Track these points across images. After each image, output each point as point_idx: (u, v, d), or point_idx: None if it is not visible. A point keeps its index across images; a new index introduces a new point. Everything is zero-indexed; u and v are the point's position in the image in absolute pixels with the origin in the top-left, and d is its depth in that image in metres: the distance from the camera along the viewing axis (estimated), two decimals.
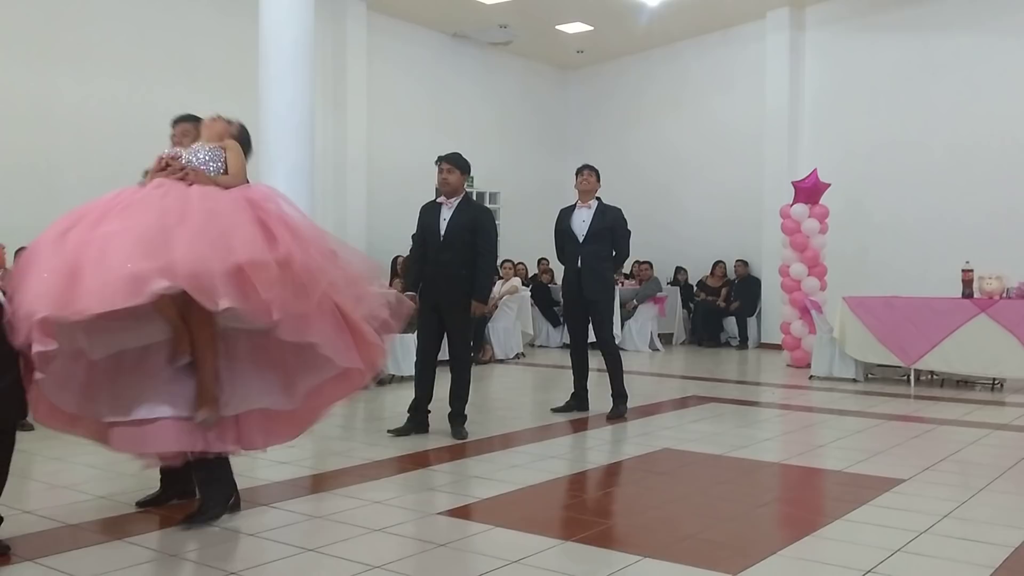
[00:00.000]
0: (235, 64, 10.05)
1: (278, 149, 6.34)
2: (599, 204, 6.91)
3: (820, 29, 12.67)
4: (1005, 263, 9.00)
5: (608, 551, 3.51)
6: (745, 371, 10.73)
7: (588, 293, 6.73)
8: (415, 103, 13.14)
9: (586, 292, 6.73)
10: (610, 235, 6.84)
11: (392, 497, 4.38)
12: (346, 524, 3.87)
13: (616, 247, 6.92)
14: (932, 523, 3.92)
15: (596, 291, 6.78)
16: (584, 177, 6.92)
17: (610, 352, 6.92)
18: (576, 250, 6.82)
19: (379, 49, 12.51)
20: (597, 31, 13.41)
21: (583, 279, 6.76)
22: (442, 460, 5.34)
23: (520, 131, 14.69)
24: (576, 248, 6.82)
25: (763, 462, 5.35)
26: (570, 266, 6.90)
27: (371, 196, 12.21)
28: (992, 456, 5.48)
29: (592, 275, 6.77)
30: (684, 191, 13.88)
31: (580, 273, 6.78)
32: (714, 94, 13.75)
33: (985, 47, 11.11)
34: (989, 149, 10.95)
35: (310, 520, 3.99)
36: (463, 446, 5.72)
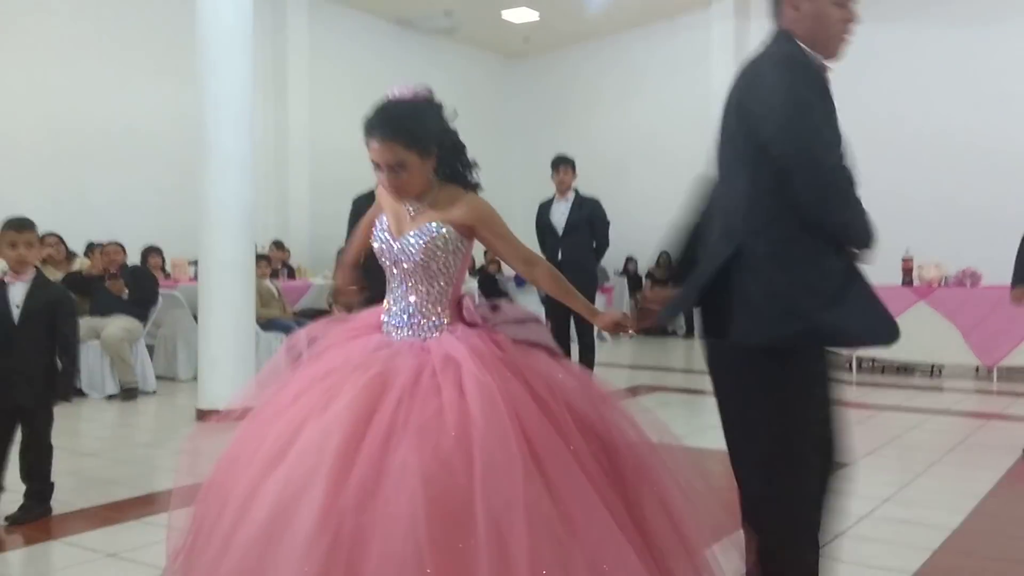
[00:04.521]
0: (172, 50, 9.82)
1: (217, 137, 6.17)
2: (576, 196, 6.93)
3: (765, 18, 12.73)
4: (944, 252, 9.19)
5: None
6: (692, 360, 10.81)
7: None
8: (358, 91, 12.84)
9: None
10: (589, 227, 6.87)
11: None
12: None
13: (596, 238, 6.95)
14: (874, 507, 3.96)
15: (578, 284, 6.74)
16: (561, 171, 6.92)
17: (587, 345, 6.92)
18: (556, 243, 6.85)
19: (320, 35, 12.32)
20: (544, 19, 13.37)
21: (564, 272, 6.73)
22: None
23: (465, 119, 14.24)
24: (556, 241, 6.85)
25: (709, 450, 5.37)
26: (551, 260, 6.88)
27: (313, 185, 12.04)
28: (931, 441, 5.58)
29: (573, 268, 6.76)
30: (632, 182, 13.92)
31: (561, 266, 6.75)
32: (661, 84, 13.81)
33: (925, 38, 11.31)
34: (928, 140, 11.17)
35: None
36: None
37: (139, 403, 7.10)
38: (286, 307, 8.86)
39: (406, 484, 1.97)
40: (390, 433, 2.07)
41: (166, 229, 9.48)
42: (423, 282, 2.47)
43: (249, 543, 2.00)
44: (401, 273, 2.48)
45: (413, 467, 1.99)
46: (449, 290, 2.49)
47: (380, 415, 2.11)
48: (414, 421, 2.10)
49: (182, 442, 5.58)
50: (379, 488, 1.98)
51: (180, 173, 9.18)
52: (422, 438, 2.05)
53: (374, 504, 1.97)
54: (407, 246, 2.44)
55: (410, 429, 2.08)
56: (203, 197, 6.26)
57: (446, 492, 1.96)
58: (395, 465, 2.01)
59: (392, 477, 2.00)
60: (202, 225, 6.27)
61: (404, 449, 2.03)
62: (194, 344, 7.40)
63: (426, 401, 2.15)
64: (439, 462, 2.00)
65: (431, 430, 2.07)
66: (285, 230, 11.63)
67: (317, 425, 2.13)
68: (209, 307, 6.27)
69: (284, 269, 10.35)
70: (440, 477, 1.98)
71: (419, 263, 2.43)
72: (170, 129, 9.97)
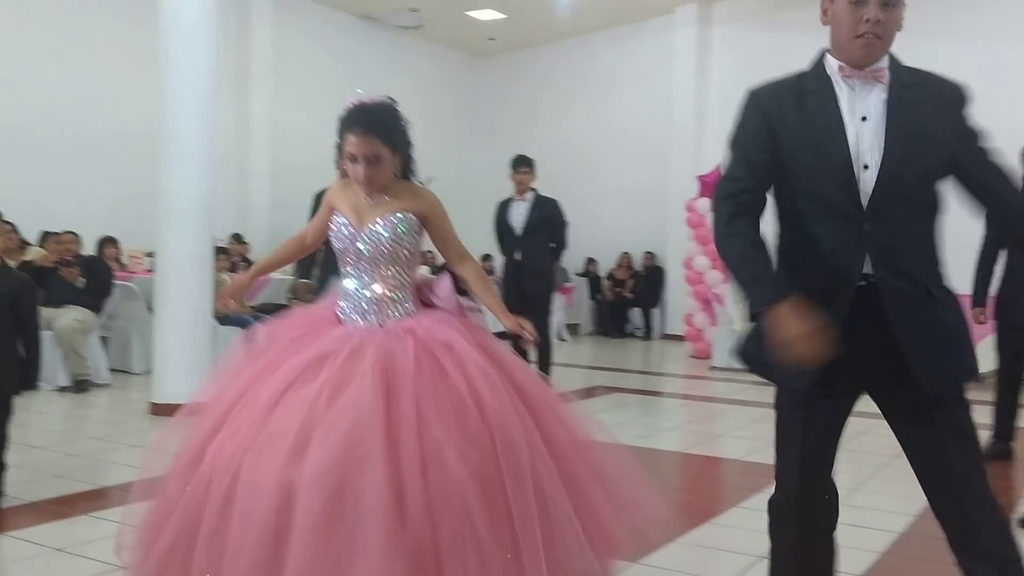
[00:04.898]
0: (133, 40, 9.68)
1: (177, 129, 6.10)
2: (536, 197, 6.90)
3: (727, 25, 12.93)
4: None
5: None
6: (649, 362, 10.91)
7: (527, 287, 6.73)
8: (323, 86, 12.87)
9: (525, 286, 6.73)
10: (547, 228, 6.86)
11: None
12: None
13: (554, 239, 6.95)
14: None
15: (535, 284, 6.79)
16: (520, 172, 6.89)
17: (545, 344, 6.94)
18: (514, 244, 6.84)
19: (285, 30, 12.21)
20: (509, 19, 13.39)
21: (522, 273, 6.77)
22: None
23: (430, 117, 14.54)
24: (514, 242, 6.84)
25: (664, 451, 5.44)
26: (509, 260, 6.89)
27: (275, 179, 11.93)
28: (880, 445, 5.67)
29: (531, 268, 6.78)
30: (594, 182, 13.99)
31: (519, 267, 6.79)
32: (624, 86, 13.90)
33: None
34: None
35: None
36: None
37: (91, 396, 7.00)
38: (244, 301, 8.78)
39: (449, 466, 2.21)
40: (418, 416, 2.29)
41: (122, 220, 9.34)
42: (390, 269, 2.65)
43: (309, 529, 2.11)
44: (366, 263, 2.64)
45: (450, 449, 2.24)
46: (410, 276, 2.71)
47: (401, 399, 2.31)
48: (435, 405, 2.32)
49: (137, 437, 5.52)
50: (428, 471, 2.20)
51: (139, 164, 9.04)
52: (449, 421, 2.30)
53: (427, 485, 2.18)
54: (373, 235, 2.62)
55: (434, 412, 2.31)
56: (162, 189, 6.19)
57: (480, 470, 2.25)
58: (432, 447, 2.24)
59: (434, 459, 2.23)
60: (160, 217, 6.19)
61: (436, 432, 2.27)
62: (149, 337, 7.30)
63: (436, 384, 2.37)
64: (469, 443, 2.28)
65: (454, 413, 2.32)
66: (245, 223, 11.51)
67: (337, 412, 2.27)
68: (165, 300, 6.20)
69: (243, 263, 10.25)
70: (473, 458, 2.26)
71: (388, 251, 2.62)
72: (130, 120, 9.82)
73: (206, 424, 2.45)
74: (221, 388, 2.57)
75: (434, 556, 2.16)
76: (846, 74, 2.12)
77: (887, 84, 2.12)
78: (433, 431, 2.28)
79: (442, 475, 2.22)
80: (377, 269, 2.65)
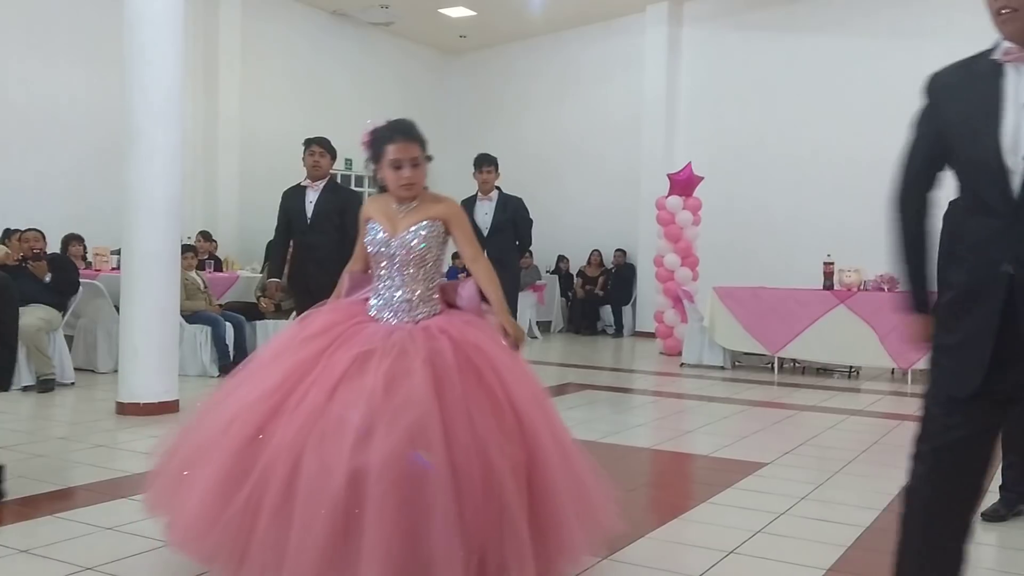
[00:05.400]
0: (99, 34, 9.55)
1: (143, 124, 6.02)
2: (500, 195, 6.88)
3: (697, 25, 13.01)
4: (863, 257, 9.47)
5: None
6: (620, 359, 10.96)
7: None
8: (292, 82, 12.80)
9: None
10: (513, 226, 6.85)
11: None
12: None
13: (519, 237, 6.93)
14: (791, 505, 4.08)
15: (503, 283, 6.76)
16: (484, 171, 6.85)
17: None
18: (481, 243, 6.77)
19: (254, 25, 12.11)
20: (480, 16, 13.37)
21: None
22: None
23: (401, 114, 14.08)
24: (480, 242, 6.76)
25: (634, 447, 5.46)
26: None
27: (243, 176, 11.83)
28: (848, 440, 5.76)
29: (497, 267, 6.75)
30: (566, 180, 14.02)
31: None
32: (595, 85, 13.94)
33: (851, 49, 11.63)
34: (849, 148, 11.48)
35: None
36: None
37: (56, 395, 6.90)
38: (212, 299, 8.70)
39: (492, 459, 2.56)
40: (466, 409, 2.62)
41: (88, 217, 9.22)
42: (420, 272, 3.02)
43: (382, 511, 2.41)
44: (398, 265, 3.01)
45: (492, 442, 2.59)
46: (437, 278, 3.07)
47: (449, 395, 2.63)
48: (476, 402, 2.66)
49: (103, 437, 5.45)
50: (476, 462, 2.54)
51: (105, 160, 8.95)
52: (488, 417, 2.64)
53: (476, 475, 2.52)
54: (407, 241, 2.99)
55: (476, 408, 2.64)
56: (128, 185, 6.11)
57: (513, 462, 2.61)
58: (478, 441, 2.57)
59: (480, 452, 2.56)
60: (126, 214, 6.11)
61: (480, 427, 2.61)
62: (115, 335, 7.22)
63: (474, 382, 2.71)
64: (505, 436, 2.64)
65: (491, 410, 2.67)
66: (213, 221, 11.41)
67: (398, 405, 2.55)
68: (132, 298, 6.12)
69: (211, 260, 10.16)
70: (509, 451, 2.62)
71: (419, 254, 2.99)
72: (95, 115, 9.70)
73: (259, 399, 2.71)
74: (270, 366, 2.84)
75: (481, 536, 2.50)
76: (1009, 57, 1.92)
77: None
78: (478, 426, 2.60)
79: (487, 466, 2.55)
80: (407, 271, 3.00)
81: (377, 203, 3.13)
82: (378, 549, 2.39)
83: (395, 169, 3.01)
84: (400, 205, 3.06)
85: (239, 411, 2.73)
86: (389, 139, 3.03)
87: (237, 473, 2.60)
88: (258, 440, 2.62)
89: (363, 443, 2.49)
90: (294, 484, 2.50)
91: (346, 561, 2.41)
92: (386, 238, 3.02)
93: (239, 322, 8.42)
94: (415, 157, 3.02)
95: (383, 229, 3.04)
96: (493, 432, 2.63)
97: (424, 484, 2.46)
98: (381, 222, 3.06)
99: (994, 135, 1.88)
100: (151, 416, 5.93)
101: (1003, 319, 1.89)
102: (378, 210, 3.09)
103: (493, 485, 2.54)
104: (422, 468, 2.46)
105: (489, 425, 2.63)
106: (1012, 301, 1.88)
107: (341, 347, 2.78)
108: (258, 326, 8.61)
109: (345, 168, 12.95)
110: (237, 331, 8.36)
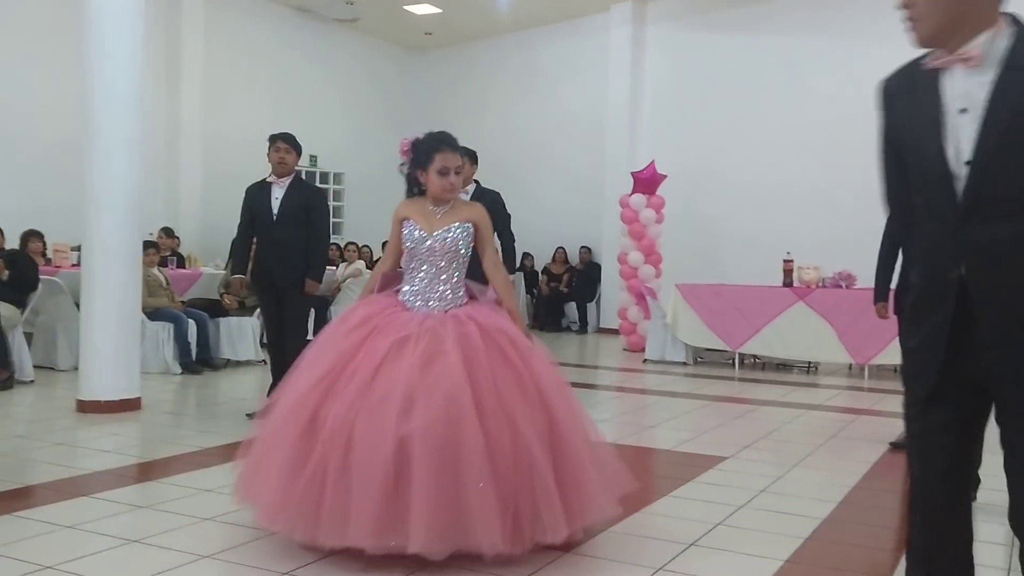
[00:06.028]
0: (59, 28, 9.41)
1: (104, 119, 5.95)
2: (477, 188, 6.78)
3: (661, 24, 13.10)
4: (822, 254, 9.63)
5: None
6: (584, 355, 11.02)
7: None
8: (256, 78, 12.69)
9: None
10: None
11: (223, 485, 4.22)
12: (172, 513, 3.72)
13: (496, 230, 6.80)
14: (751, 497, 4.15)
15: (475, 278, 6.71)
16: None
17: None
18: None
19: (217, 20, 11.98)
20: (445, 14, 13.36)
21: None
22: None
23: (366, 111, 14.46)
24: None
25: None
26: None
27: (206, 171, 11.71)
28: (806, 434, 5.86)
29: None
30: (531, 178, 14.04)
31: None
32: (561, 83, 13.99)
33: (811, 47, 11.77)
34: (810, 147, 11.63)
35: (134, 510, 3.81)
36: None
37: (15, 393, 6.81)
38: (174, 296, 8.62)
39: (520, 425, 3.01)
40: (494, 383, 3.07)
41: (48, 213, 9.08)
42: (451, 266, 3.44)
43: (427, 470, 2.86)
44: (434, 261, 3.43)
45: (518, 412, 3.04)
46: (463, 274, 3.49)
47: (479, 371, 3.06)
48: (503, 377, 3.10)
49: (63, 435, 5.39)
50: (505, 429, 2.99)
51: (65, 156, 8.81)
52: (514, 390, 3.09)
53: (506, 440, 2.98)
54: (442, 239, 3.42)
55: (503, 383, 3.08)
56: (88, 181, 6.04)
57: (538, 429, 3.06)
58: (506, 410, 3.03)
59: (509, 420, 3.01)
60: (87, 210, 6.04)
61: (507, 398, 3.05)
62: (75, 333, 7.13)
63: (500, 360, 3.15)
64: (530, 407, 3.09)
65: (516, 384, 3.11)
66: (176, 217, 11.29)
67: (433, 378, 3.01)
68: (92, 295, 6.06)
69: (173, 257, 10.06)
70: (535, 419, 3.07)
71: (451, 251, 3.42)
72: (55, 110, 9.55)
73: (312, 388, 3.12)
74: (319, 357, 3.24)
75: (514, 491, 2.95)
76: (939, 63, 1.92)
77: (998, 67, 1.85)
78: (504, 397, 3.05)
79: (515, 431, 3.00)
80: (440, 264, 3.42)
81: (413, 205, 3.53)
82: (424, 504, 2.83)
83: (441, 175, 3.43)
84: (435, 207, 3.48)
85: (296, 399, 3.15)
86: (437, 148, 3.44)
87: (301, 453, 3.02)
88: (315, 422, 3.04)
89: (406, 414, 2.93)
90: (350, 455, 2.92)
91: (398, 517, 2.84)
92: (423, 235, 3.43)
93: (202, 319, 8.36)
94: (459, 166, 3.45)
95: (420, 227, 3.45)
96: (519, 402, 3.07)
97: (461, 447, 2.89)
98: (419, 221, 3.46)
99: (938, 142, 1.91)
100: (112, 414, 5.88)
101: (955, 321, 1.94)
102: (415, 211, 3.50)
103: (521, 447, 2.99)
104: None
105: (515, 396, 3.08)
106: (962, 304, 1.92)
107: (380, 335, 3.20)
108: (221, 323, 8.55)
109: (310, 164, 12.89)
110: (200, 328, 8.30)
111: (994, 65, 1.85)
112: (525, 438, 3.00)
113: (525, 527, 2.98)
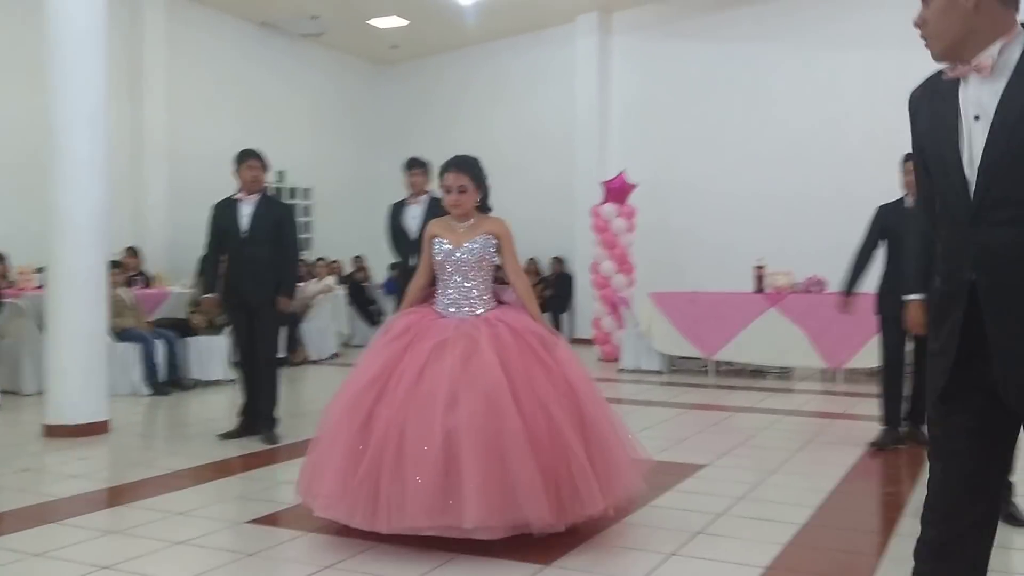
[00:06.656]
0: (19, 46, 9.27)
1: (67, 138, 5.86)
2: (431, 199, 6.74)
3: (627, 34, 13.16)
4: (793, 260, 9.68)
5: (421, 550, 3.45)
6: None
7: None
8: (221, 93, 12.58)
9: None
10: None
11: (196, 508, 4.15)
12: (144, 538, 3.64)
13: None
14: (729, 505, 4.14)
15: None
16: (414, 174, 6.75)
17: None
18: (410, 248, 6.59)
19: (180, 35, 11.86)
20: (412, 26, 13.34)
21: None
22: (251, 466, 5.13)
23: (333, 126, 14.39)
24: (410, 246, 6.57)
25: None
26: (404, 263, 6.71)
27: (172, 189, 11.56)
28: (782, 440, 5.87)
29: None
30: (501, 189, 13.65)
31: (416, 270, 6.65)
32: (529, 94, 14.00)
33: (775, 56, 11.88)
34: (778, 154, 11.73)
35: (105, 536, 3.72)
36: (274, 451, 5.52)
37: None
38: (141, 316, 8.49)
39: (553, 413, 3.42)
40: (527, 377, 3.46)
41: (10, 234, 8.92)
42: (478, 276, 3.85)
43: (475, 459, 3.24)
44: (462, 271, 3.84)
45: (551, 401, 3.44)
46: (490, 281, 3.91)
47: (512, 366, 3.46)
48: (534, 371, 3.50)
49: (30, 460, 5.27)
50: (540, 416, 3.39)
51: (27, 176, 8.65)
52: (545, 382, 3.49)
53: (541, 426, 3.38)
54: (468, 252, 3.84)
55: (534, 376, 3.49)
56: (51, 201, 5.93)
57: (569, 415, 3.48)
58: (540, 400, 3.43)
59: (543, 408, 3.42)
60: (50, 231, 5.94)
61: (540, 389, 3.46)
62: (40, 356, 6.99)
63: (531, 356, 3.56)
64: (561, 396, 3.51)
65: (546, 376, 3.52)
66: (142, 236, 11.13)
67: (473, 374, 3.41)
68: (57, 317, 5.94)
69: (140, 277, 9.92)
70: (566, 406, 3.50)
71: (477, 262, 3.83)
72: (16, 129, 9.39)
73: (364, 391, 3.51)
74: (369, 363, 3.63)
75: (554, 471, 3.33)
76: (955, 73, 2.00)
77: (1009, 75, 1.90)
78: (538, 389, 3.44)
79: (549, 419, 3.39)
80: (467, 275, 3.83)
81: (441, 223, 3.97)
82: (474, 485, 3.19)
83: (446, 192, 3.86)
84: (460, 223, 3.91)
85: (351, 401, 3.53)
86: (443, 170, 3.88)
87: (357, 449, 3.39)
88: (370, 421, 3.42)
89: (451, 409, 3.32)
90: (403, 448, 3.28)
91: (452, 498, 3.20)
92: (452, 248, 3.85)
93: (171, 339, 8.24)
94: (462, 185, 3.83)
95: (448, 241, 3.87)
96: (550, 392, 3.46)
97: (503, 434, 3.27)
98: (447, 237, 3.88)
99: (955, 148, 1.97)
100: (80, 438, 5.76)
101: (968, 324, 1.96)
102: (443, 228, 3.94)
103: (555, 432, 3.38)
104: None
105: (547, 388, 3.47)
106: (975, 307, 1.95)
107: (421, 340, 3.60)
108: (191, 343, 8.43)
109: (278, 180, 12.79)
110: (169, 348, 8.18)
111: (1006, 73, 1.91)
112: (558, 423, 3.39)
113: (566, 502, 3.35)
